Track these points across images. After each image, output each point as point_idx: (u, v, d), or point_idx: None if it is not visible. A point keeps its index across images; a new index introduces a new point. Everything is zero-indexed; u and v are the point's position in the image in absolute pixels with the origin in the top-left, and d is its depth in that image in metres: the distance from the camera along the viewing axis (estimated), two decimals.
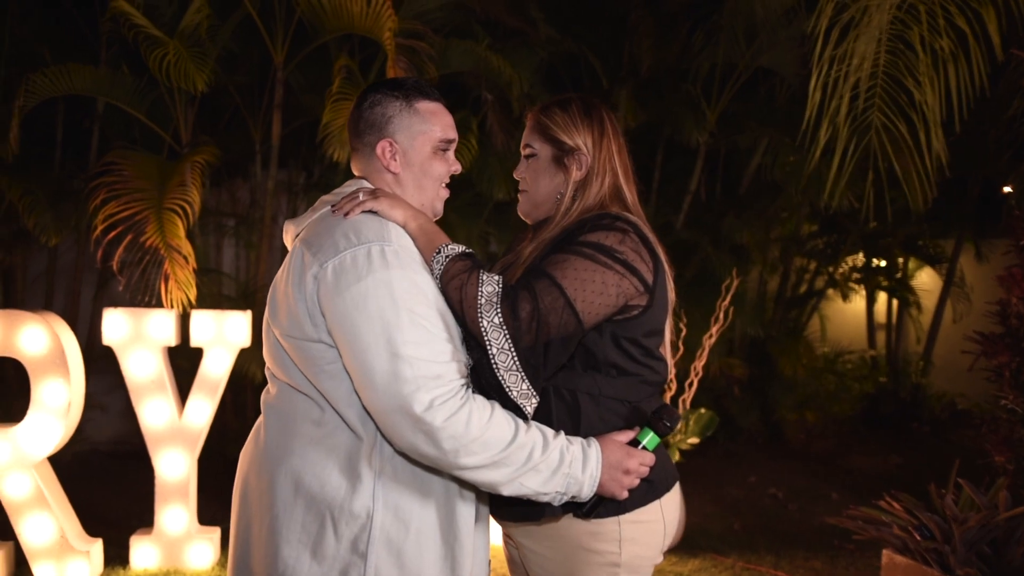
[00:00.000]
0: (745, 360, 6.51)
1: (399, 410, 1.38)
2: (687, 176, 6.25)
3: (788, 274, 7.30)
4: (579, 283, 1.50)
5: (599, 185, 1.68)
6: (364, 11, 3.90)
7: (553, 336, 1.47)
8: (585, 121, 1.70)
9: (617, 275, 1.53)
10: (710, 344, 4.41)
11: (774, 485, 5.50)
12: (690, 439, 4.19)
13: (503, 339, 1.44)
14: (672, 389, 4.38)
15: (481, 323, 1.44)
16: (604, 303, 1.53)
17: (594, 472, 1.51)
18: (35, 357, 3.42)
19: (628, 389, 1.61)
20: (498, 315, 1.44)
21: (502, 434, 1.43)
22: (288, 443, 1.51)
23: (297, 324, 1.48)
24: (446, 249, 1.52)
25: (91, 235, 3.60)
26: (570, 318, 1.48)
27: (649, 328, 1.62)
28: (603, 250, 1.54)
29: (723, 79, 5.82)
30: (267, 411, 1.59)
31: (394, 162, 1.61)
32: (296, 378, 1.53)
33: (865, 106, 3.44)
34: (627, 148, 1.75)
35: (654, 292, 1.60)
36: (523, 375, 1.46)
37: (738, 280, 4.41)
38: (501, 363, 1.45)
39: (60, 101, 4.93)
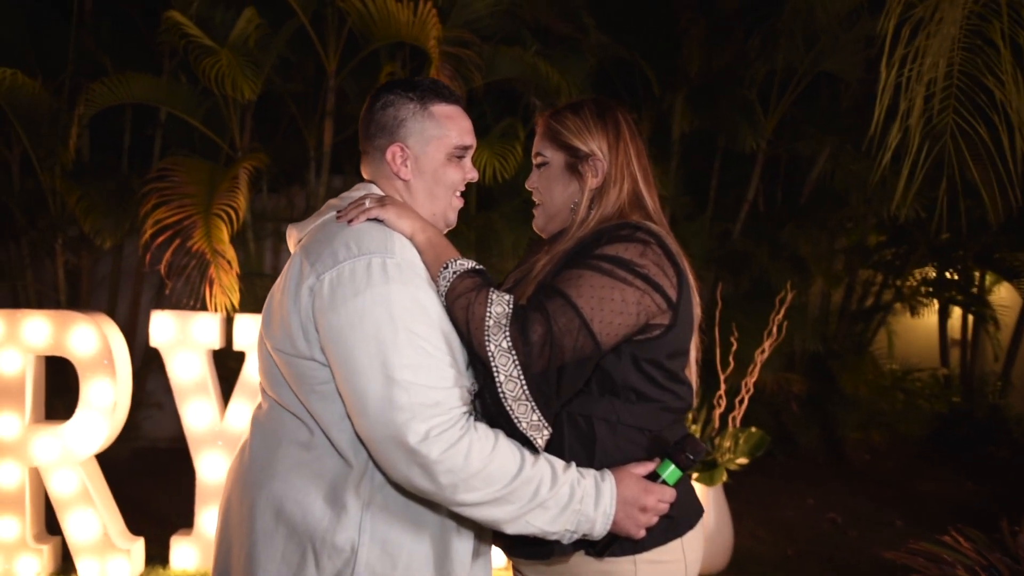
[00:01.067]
0: (805, 375, 6.25)
1: (392, 440, 1.28)
2: (745, 184, 6.06)
3: (853, 287, 7.00)
4: (596, 302, 1.39)
5: (617, 192, 1.57)
6: (410, 20, 3.91)
7: (568, 360, 1.36)
8: (599, 124, 1.59)
9: (638, 292, 1.42)
10: (762, 359, 4.24)
11: (833, 509, 5.24)
12: (739, 459, 4.02)
13: (511, 365, 1.33)
14: (721, 406, 4.22)
15: (488, 346, 1.33)
16: (623, 323, 1.42)
17: (607, 509, 1.39)
18: (84, 357, 3.53)
19: (648, 416, 1.50)
20: (507, 338, 1.33)
21: (506, 468, 1.33)
22: (272, 465, 1.43)
23: (289, 338, 1.39)
24: (454, 264, 1.41)
25: (140, 239, 3.70)
26: (586, 340, 1.37)
27: (672, 349, 1.51)
28: (622, 264, 1.43)
29: (782, 85, 5.63)
30: (254, 428, 1.51)
31: (404, 168, 1.51)
32: (285, 396, 1.45)
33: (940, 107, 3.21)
34: (646, 151, 1.64)
35: (678, 309, 1.49)
36: (533, 404, 1.35)
37: (793, 293, 4.22)
38: (509, 391, 1.34)
39: (128, 110, 5.12)
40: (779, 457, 6.16)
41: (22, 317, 3.51)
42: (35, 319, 3.50)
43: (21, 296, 4.83)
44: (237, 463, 1.53)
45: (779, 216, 6.31)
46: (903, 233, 6.89)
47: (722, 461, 4.07)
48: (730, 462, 4.05)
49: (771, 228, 6.11)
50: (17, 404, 3.48)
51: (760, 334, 4.52)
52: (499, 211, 4.95)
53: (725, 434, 4.15)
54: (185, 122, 4.68)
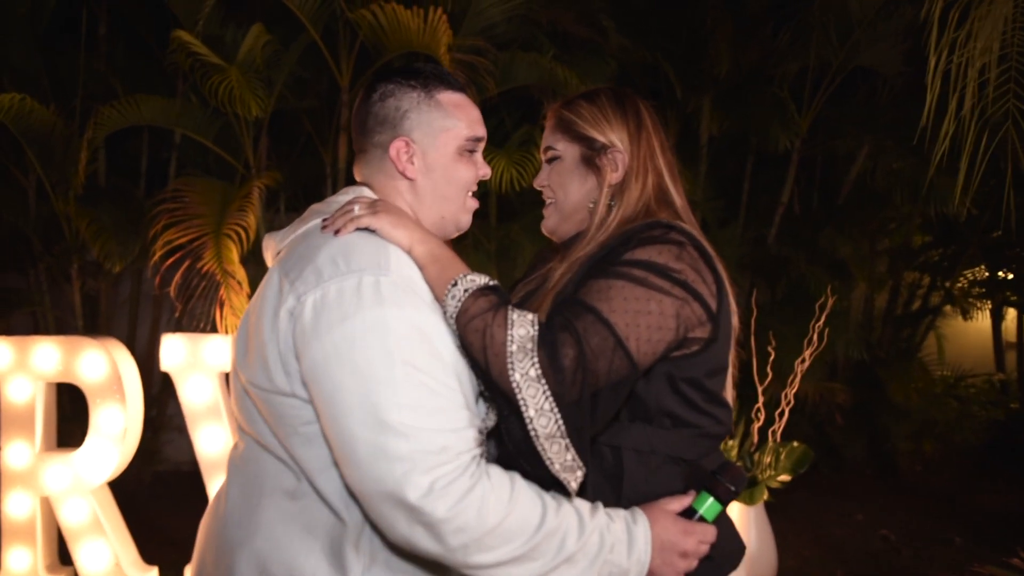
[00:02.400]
0: (849, 384, 5.95)
1: (387, 496, 1.07)
2: (779, 187, 5.81)
3: (898, 290, 6.67)
4: (631, 316, 1.19)
5: (640, 188, 1.38)
6: (421, 28, 3.79)
7: (602, 386, 1.17)
8: (618, 112, 1.41)
9: (677, 302, 1.23)
10: (803, 369, 3.99)
11: (885, 525, 4.94)
12: (780, 476, 3.78)
13: (542, 397, 1.12)
14: (760, 420, 3.99)
15: (512, 376, 1.12)
16: (662, 339, 1.22)
17: (642, 557, 1.21)
18: (94, 383, 3.44)
19: (684, 444, 1.30)
20: (535, 365, 1.12)
21: (527, 520, 1.12)
22: (253, 518, 1.21)
23: (265, 371, 1.17)
24: (463, 281, 1.18)
25: (148, 262, 3.62)
26: (622, 362, 1.18)
27: (712, 366, 1.31)
28: (657, 270, 1.23)
29: (815, 82, 5.39)
30: (231, 474, 1.30)
31: (411, 166, 1.30)
32: (265, 435, 1.23)
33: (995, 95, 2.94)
34: (671, 145, 1.45)
35: (718, 320, 1.29)
36: (568, 442, 1.14)
37: (833, 298, 3.97)
38: (540, 428, 1.12)
39: (145, 133, 5.09)
40: (824, 471, 5.86)
41: (31, 344, 3.44)
42: (44, 345, 3.43)
43: (40, 322, 4.81)
44: (211, 516, 1.32)
45: (816, 219, 6.04)
46: (950, 232, 6.56)
47: (763, 478, 3.83)
48: (771, 479, 3.81)
49: (808, 231, 5.84)
50: (27, 432, 3.41)
51: (799, 342, 4.28)
52: (520, 222, 4.79)
53: (765, 449, 3.91)
54: (200, 143, 4.62)
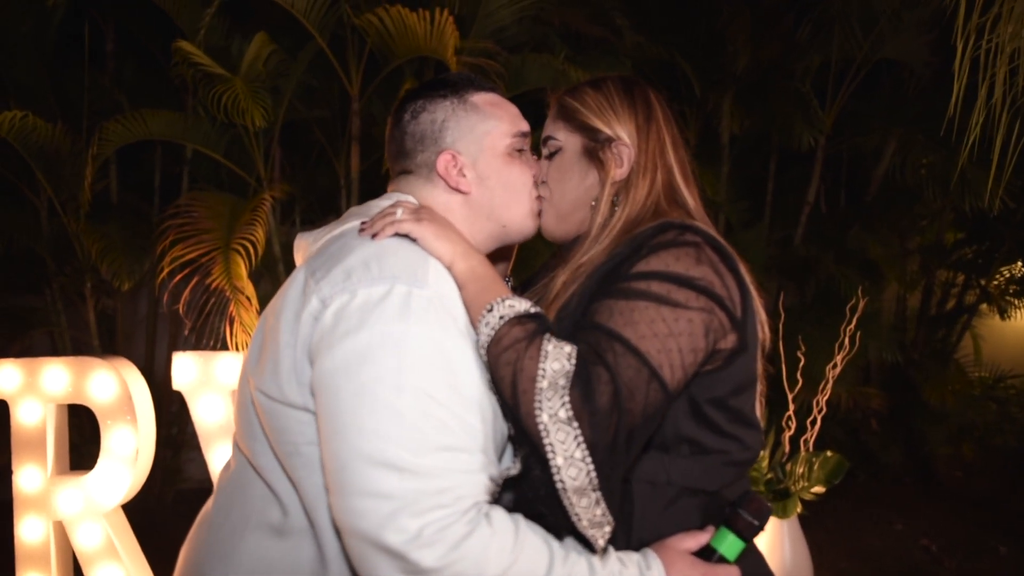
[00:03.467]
0: (883, 389, 5.75)
1: (364, 538, 0.94)
2: (804, 186, 5.64)
3: (931, 290, 6.44)
4: (661, 341, 1.05)
5: (648, 186, 1.25)
6: (428, 31, 3.70)
7: (637, 424, 1.02)
8: (625, 101, 1.28)
9: (704, 314, 1.09)
10: (835, 374, 3.82)
11: (926, 534, 4.73)
12: (814, 487, 3.61)
13: (572, 443, 0.97)
14: (791, 429, 3.82)
15: (539, 418, 0.98)
16: (695, 360, 1.09)
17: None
18: (104, 404, 3.38)
19: (705, 473, 1.16)
20: (565, 406, 0.98)
21: (531, 571, 0.98)
22: (234, 554, 1.10)
23: (276, 379, 1.06)
24: (501, 306, 1.06)
25: (156, 279, 3.56)
26: (657, 394, 1.04)
27: (739, 381, 1.16)
28: (677, 280, 1.09)
29: (839, 76, 5.21)
30: (218, 497, 1.19)
31: (463, 179, 1.21)
32: (260, 456, 1.11)
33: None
34: (683, 141, 1.31)
35: (744, 329, 1.15)
36: (600, 495, 0.99)
37: (864, 300, 3.80)
38: (569, 480, 0.98)
39: (157, 148, 5.06)
40: (861, 478, 5.66)
41: (40, 365, 3.38)
42: (53, 367, 3.37)
43: (58, 343, 4.78)
44: (193, 541, 1.20)
45: (844, 218, 5.85)
46: (985, 228, 6.33)
47: (795, 490, 3.67)
48: (804, 491, 3.65)
49: (836, 231, 5.66)
50: (39, 456, 3.35)
51: (830, 346, 4.11)
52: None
53: (797, 459, 3.74)
54: (212, 158, 4.57)
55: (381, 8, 3.72)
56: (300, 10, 3.89)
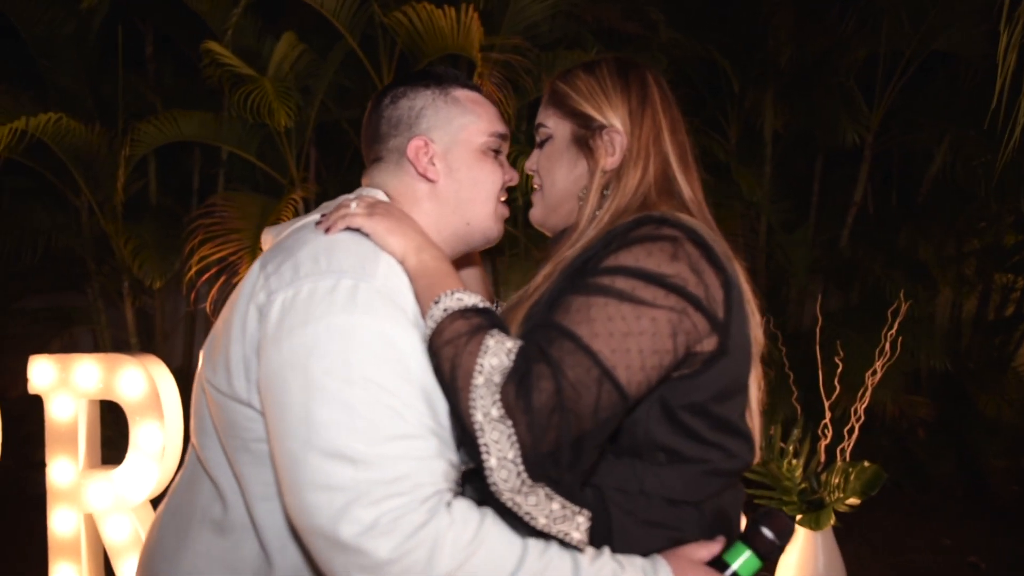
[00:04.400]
0: (935, 397, 5.50)
1: (319, 533, 0.91)
2: (851, 185, 5.43)
3: (988, 294, 6.14)
4: (618, 340, 0.98)
5: (640, 175, 1.17)
6: (454, 28, 3.67)
7: (588, 428, 0.96)
8: (619, 85, 1.20)
9: (673, 314, 1.01)
10: (873, 381, 3.66)
11: (975, 551, 4.51)
12: (849, 499, 3.45)
13: (506, 442, 0.92)
14: (828, 438, 3.67)
15: (474, 416, 0.93)
16: (658, 363, 1.01)
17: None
18: (132, 401, 3.43)
19: (685, 483, 1.08)
20: (497, 404, 0.92)
21: (497, 565, 0.92)
22: (179, 553, 1.08)
23: (227, 373, 1.05)
24: (448, 299, 1.02)
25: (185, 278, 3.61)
26: (610, 396, 0.97)
27: (721, 387, 1.08)
28: (646, 277, 1.01)
29: (888, 70, 5.00)
30: (168, 496, 1.18)
31: (432, 167, 1.18)
32: (208, 449, 1.09)
33: None
34: (685, 125, 1.23)
35: (728, 330, 1.06)
36: (547, 491, 0.94)
37: (907, 304, 3.63)
38: (502, 482, 0.93)
39: (196, 150, 5.15)
40: (909, 491, 5.43)
41: (73, 361, 3.45)
42: (85, 363, 3.44)
43: (100, 341, 4.90)
44: (145, 542, 1.19)
45: (893, 219, 5.62)
46: None
47: (830, 501, 3.52)
48: (839, 503, 3.49)
49: (884, 233, 5.44)
50: (71, 450, 3.43)
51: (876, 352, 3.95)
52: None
53: (833, 469, 3.59)
54: (247, 159, 4.62)
55: (408, 6, 3.71)
56: (330, 10, 3.90)
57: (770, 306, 5.41)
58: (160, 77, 4.85)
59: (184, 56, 4.88)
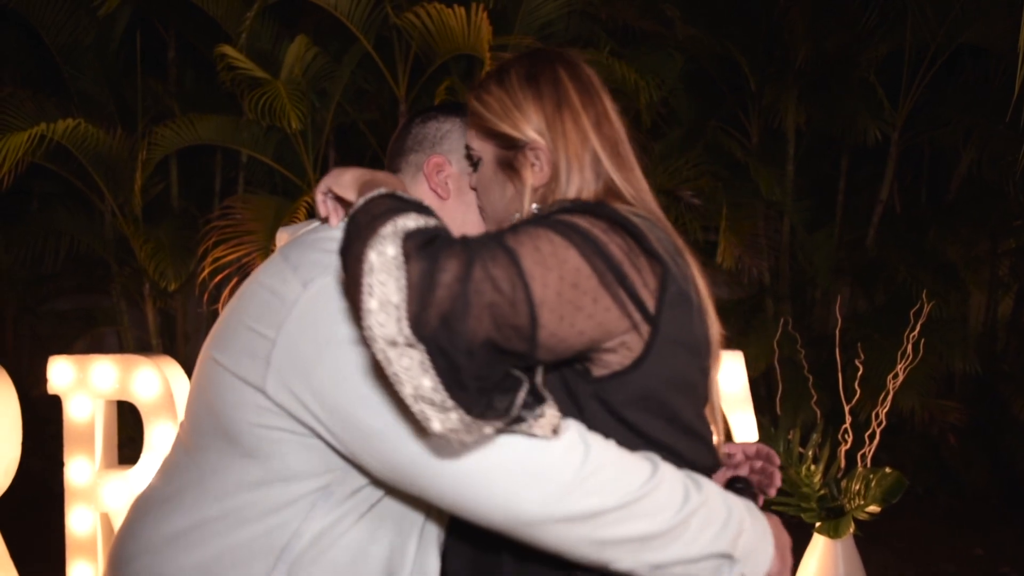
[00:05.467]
0: (968, 402, 5.33)
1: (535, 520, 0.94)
2: (878, 184, 5.30)
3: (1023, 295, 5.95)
4: (543, 257, 0.88)
5: (576, 187, 1.08)
6: (465, 29, 3.66)
7: (485, 333, 0.82)
8: (530, 93, 1.09)
9: (595, 276, 0.92)
10: (895, 385, 3.55)
11: (1008, 561, 4.35)
12: (869, 507, 3.35)
13: (393, 286, 0.80)
14: (848, 443, 3.57)
15: (367, 254, 0.81)
16: (580, 307, 0.90)
17: (768, 538, 1.03)
18: (147, 401, 3.47)
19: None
20: (398, 249, 0.81)
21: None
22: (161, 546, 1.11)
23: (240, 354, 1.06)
24: (382, 193, 0.90)
25: (198, 280, 3.65)
26: (522, 308, 0.84)
27: (663, 380, 1.00)
28: (580, 232, 0.93)
29: (913, 65, 4.87)
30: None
31: (445, 186, 1.21)
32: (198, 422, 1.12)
33: None
34: (615, 112, 1.13)
35: (658, 324, 0.98)
36: (421, 361, 0.81)
37: (930, 305, 3.52)
38: (378, 326, 0.80)
39: (217, 153, 5.21)
40: (940, 497, 5.27)
41: (90, 362, 3.51)
42: (102, 364, 3.49)
43: (124, 342, 4.98)
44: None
45: (921, 218, 5.47)
46: None
47: (850, 508, 3.41)
48: (859, 510, 3.39)
49: (912, 233, 5.30)
50: (88, 449, 3.48)
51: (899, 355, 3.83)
52: None
53: (853, 475, 3.48)
54: (266, 162, 4.67)
55: (420, 6, 3.71)
56: (343, 12, 3.92)
57: (794, 308, 5.29)
58: (181, 81, 4.92)
59: (205, 61, 4.95)
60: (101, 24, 4.17)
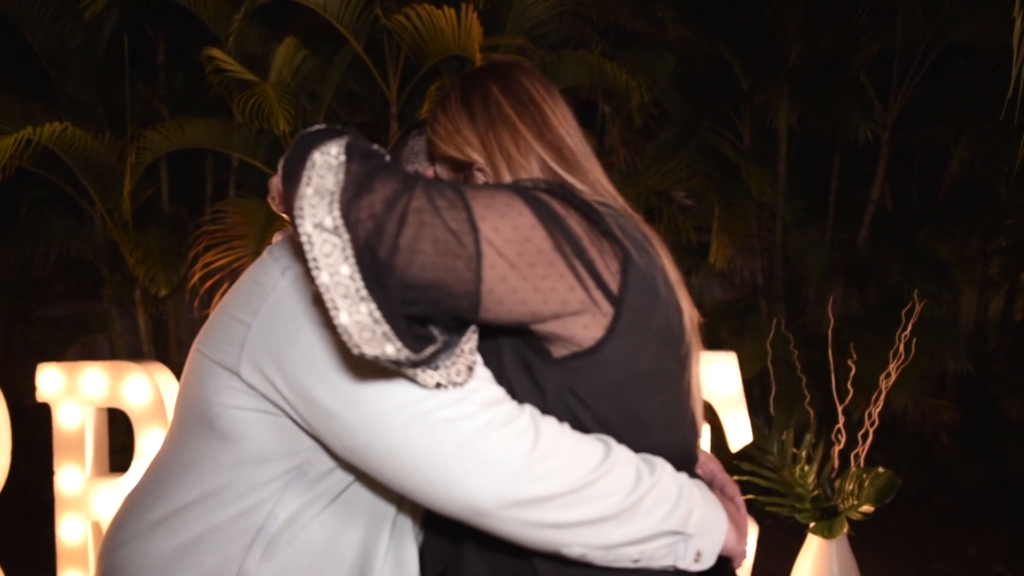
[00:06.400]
0: (960, 401, 5.34)
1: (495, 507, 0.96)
2: (870, 183, 5.31)
3: (1014, 295, 5.96)
4: (491, 203, 0.87)
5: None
6: (455, 29, 3.64)
7: (418, 274, 0.80)
8: (464, 115, 1.10)
9: (553, 247, 0.90)
10: (887, 385, 3.55)
11: (1002, 560, 4.36)
12: (863, 506, 3.35)
13: (338, 256, 0.78)
14: (841, 443, 3.57)
15: (302, 227, 0.79)
16: (529, 271, 0.88)
17: (723, 524, 1.04)
18: (137, 408, 3.45)
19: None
20: (335, 213, 0.79)
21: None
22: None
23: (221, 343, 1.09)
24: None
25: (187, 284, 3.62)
26: (462, 253, 0.83)
27: (612, 373, 0.97)
28: (540, 204, 0.92)
29: (904, 64, 4.88)
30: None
31: None
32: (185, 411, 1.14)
33: None
34: (562, 115, 1.10)
35: (621, 307, 0.95)
36: (366, 293, 0.79)
37: (922, 304, 3.52)
38: (322, 256, 0.78)
39: (209, 158, 5.18)
40: (934, 497, 5.27)
41: (79, 369, 3.48)
42: (92, 371, 3.46)
43: (115, 348, 4.94)
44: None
45: (913, 217, 5.48)
46: None
47: (844, 508, 3.42)
48: (852, 510, 3.39)
49: (903, 232, 5.31)
50: (78, 458, 3.45)
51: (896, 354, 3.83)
52: None
53: (847, 475, 3.49)
54: (258, 166, 4.64)
55: (410, 7, 3.69)
56: (333, 14, 3.90)
57: (788, 309, 5.29)
58: (171, 84, 4.88)
59: (194, 63, 4.92)
60: (88, 27, 4.14)
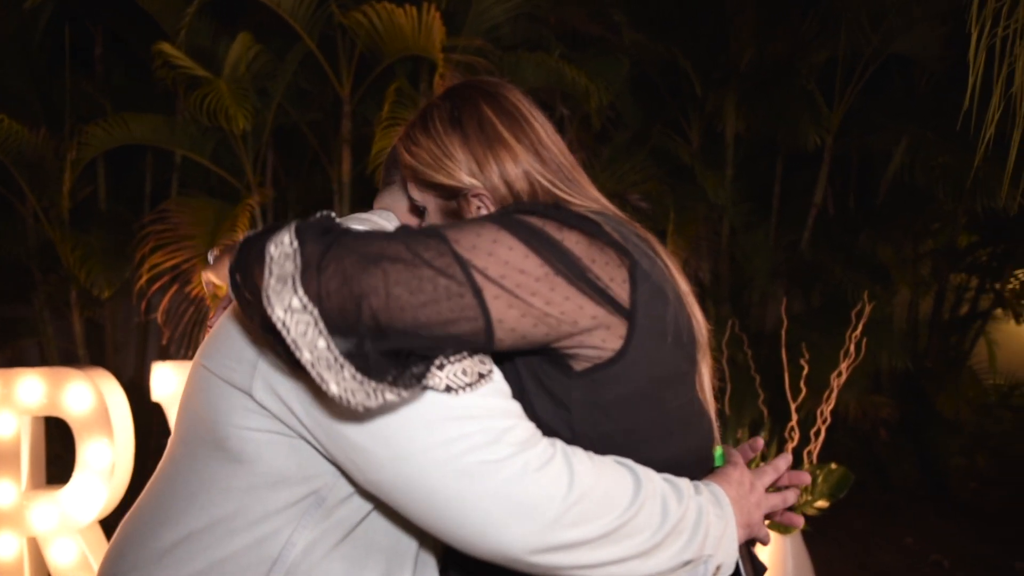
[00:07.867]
0: (895, 397, 5.57)
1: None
2: (812, 188, 5.48)
3: (943, 294, 6.25)
4: (481, 249, 0.86)
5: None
6: (416, 29, 3.59)
7: (398, 320, 0.81)
8: (456, 137, 1.05)
9: (551, 271, 0.89)
10: (839, 383, 3.67)
11: (938, 549, 4.56)
12: (818, 502, 3.45)
13: (313, 331, 0.79)
14: (795, 440, 3.67)
15: (274, 314, 0.79)
16: (529, 289, 0.87)
17: (731, 520, 1.03)
18: (79, 416, 3.28)
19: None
20: (298, 294, 0.79)
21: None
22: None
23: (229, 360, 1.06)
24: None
25: (135, 286, 3.46)
26: (463, 293, 0.84)
27: (634, 383, 0.96)
28: (533, 231, 0.90)
29: (847, 72, 5.06)
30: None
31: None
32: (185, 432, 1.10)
33: None
34: (549, 129, 1.08)
35: (634, 317, 0.93)
36: (323, 329, 0.79)
37: (871, 305, 3.65)
38: (326, 371, 0.80)
39: (148, 155, 4.97)
40: (872, 491, 5.48)
41: (15, 376, 3.29)
42: (29, 378, 3.28)
43: (48, 353, 4.69)
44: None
45: (853, 221, 5.69)
46: (999, 230, 6.14)
47: (798, 504, 3.50)
48: (807, 505, 3.49)
49: (844, 235, 5.49)
50: (13, 470, 3.26)
51: (837, 354, 3.96)
52: None
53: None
54: (203, 164, 4.48)
55: (368, 5, 3.61)
56: (287, 9, 3.79)
57: (734, 309, 5.42)
58: (110, 78, 4.66)
59: (135, 57, 4.71)
60: (24, 16, 3.91)
